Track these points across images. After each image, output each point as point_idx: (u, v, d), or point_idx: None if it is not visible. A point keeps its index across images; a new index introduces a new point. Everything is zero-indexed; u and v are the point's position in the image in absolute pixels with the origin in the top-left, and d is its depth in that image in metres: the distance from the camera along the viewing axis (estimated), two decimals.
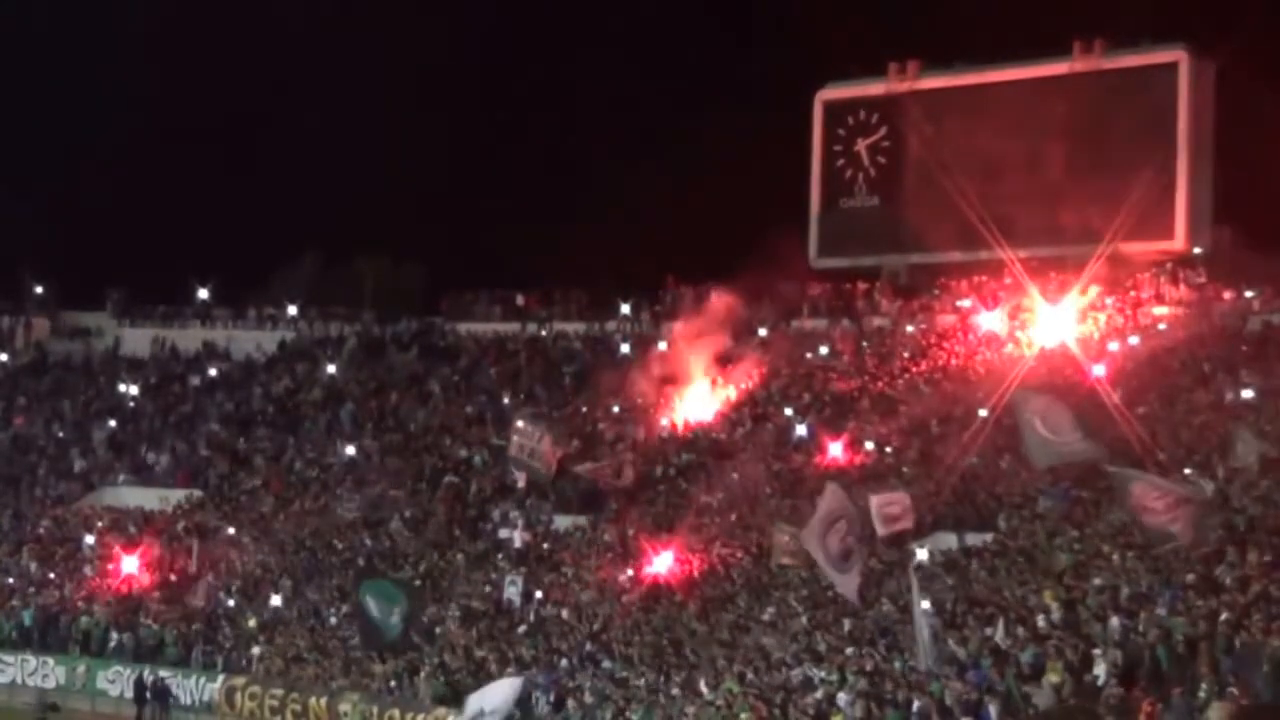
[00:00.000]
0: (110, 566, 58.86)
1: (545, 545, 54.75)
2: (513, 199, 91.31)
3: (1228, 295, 59.34)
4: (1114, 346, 57.18)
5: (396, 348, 76.15)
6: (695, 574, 48.23)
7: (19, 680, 54.51)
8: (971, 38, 69.32)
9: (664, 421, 61.70)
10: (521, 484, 58.91)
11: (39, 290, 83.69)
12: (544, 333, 73.12)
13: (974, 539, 46.05)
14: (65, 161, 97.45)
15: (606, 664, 43.05)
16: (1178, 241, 64.01)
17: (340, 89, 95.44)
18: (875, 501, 45.23)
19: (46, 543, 63.08)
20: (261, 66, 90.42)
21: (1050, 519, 44.75)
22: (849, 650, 38.96)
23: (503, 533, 56.18)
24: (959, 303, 64.97)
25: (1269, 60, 59.88)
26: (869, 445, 53.94)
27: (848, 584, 41.17)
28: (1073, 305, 59.66)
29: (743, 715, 36.43)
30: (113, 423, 73.09)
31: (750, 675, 39.61)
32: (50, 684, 53.67)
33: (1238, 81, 63.82)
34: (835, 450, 53.55)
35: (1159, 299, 60.87)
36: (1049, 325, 59.08)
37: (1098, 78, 66.14)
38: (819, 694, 36.56)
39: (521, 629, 48.38)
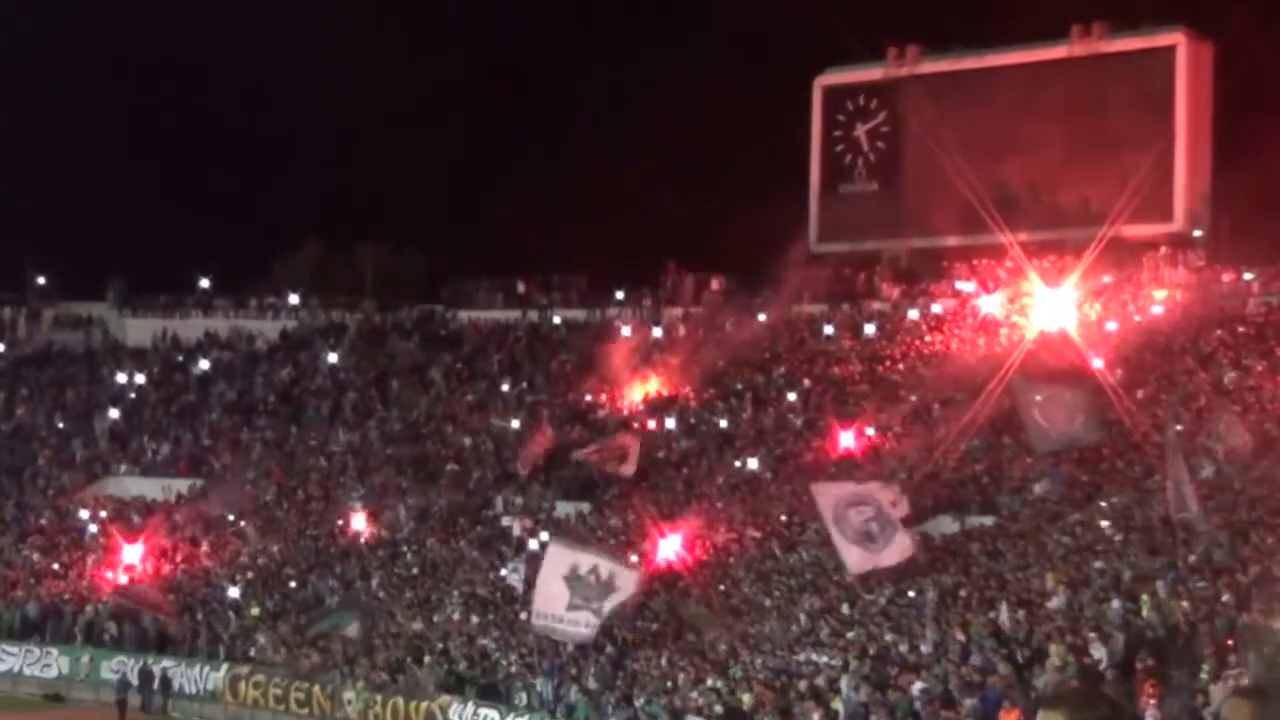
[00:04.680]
0: (112, 557, 58.93)
1: (546, 534, 54.81)
2: (513, 185, 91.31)
3: (1227, 277, 59.39)
4: (1111, 327, 57.27)
5: (398, 335, 76.23)
6: (699, 560, 48.29)
7: (20, 670, 54.51)
8: (970, 22, 69.37)
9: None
10: (524, 472, 59.07)
11: (41, 281, 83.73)
12: (554, 320, 73.16)
13: (975, 522, 46.14)
14: (66, 152, 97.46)
15: (610, 649, 43.12)
16: (1177, 223, 64.08)
17: (340, 78, 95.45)
18: (870, 487, 45.24)
19: (49, 533, 63.15)
20: (262, 57, 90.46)
21: (1050, 501, 44.87)
22: (850, 634, 39.05)
23: (505, 520, 56.28)
24: (959, 285, 65.05)
25: (1268, 41, 59.90)
26: (870, 430, 54.05)
27: (857, 560, 41.38)
28: (1072, 288, 59.72)
29: (745, 698, 36.52)
30: (115, 413, 73.15)
31: (755, 660, 39.67)
32: (53, 674, 53.70)
33: (1237, 63, 63.88)
34: (847, 440, 53.59)
35: (1158, 281, 60.94)
36: (1048, 309, 59.14)
37: (1096, 61, 66.19)
38: (822, 678, 36.65)
39: (524, 616, 48.40)
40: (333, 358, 74.33)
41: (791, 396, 59.74)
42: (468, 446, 63.13)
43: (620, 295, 72.60)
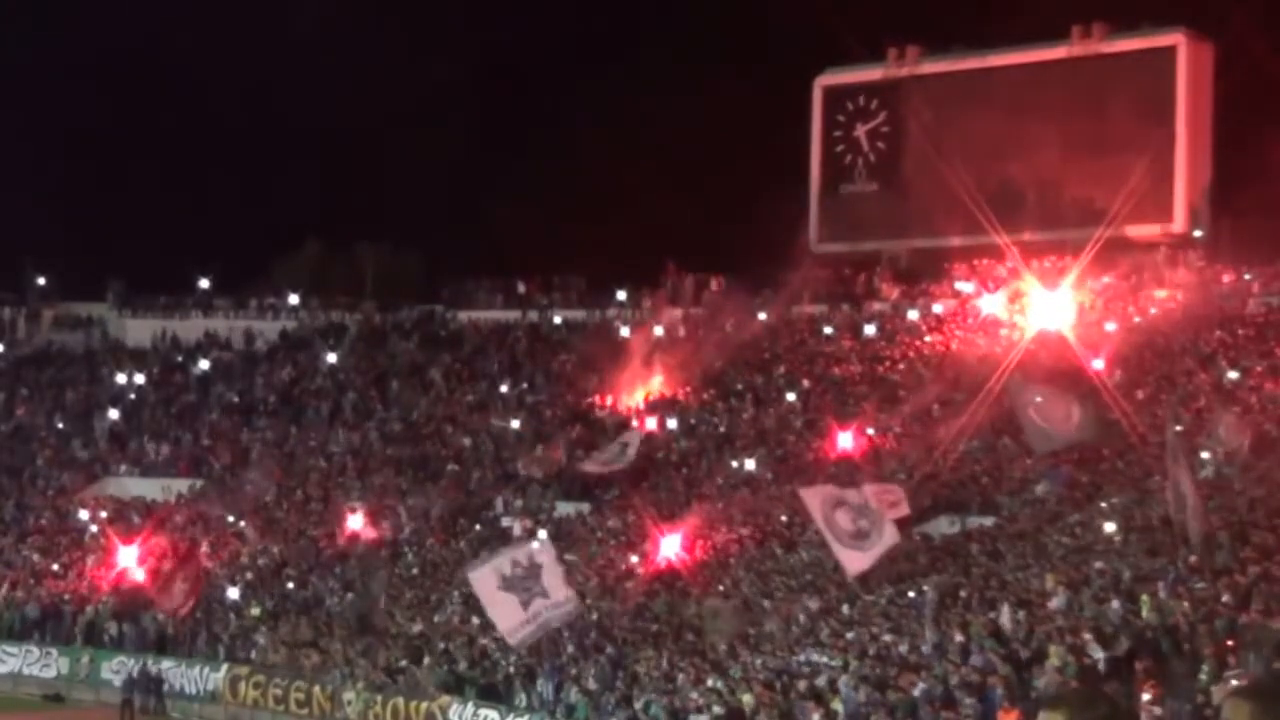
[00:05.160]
0: (112, 558, 58.88)
1: (545, 533, 54.84)
2: (513, 185, 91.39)
3: (1227, 278, 59.39)
4: (1111, 327, 57.27)
5: (398, 336, 76.26)
6: (699, 560, 48.29)
7: (21, 671, 54.47)
8: (970, 22, 69.38)
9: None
10: (524, 472, 59.08)
11: (41, 282, 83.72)
12: (554, 320, 73.15)
13: (975, 522, 46.13)
14: (66, 153, 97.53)
15: (610, 650, 43.11)
16: (1177, 224, 64.10)
17: (340, 78, 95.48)
18: (869, 490, 45.17)
19: (49, 533, 63.14)
20: (262, 57, 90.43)
21: (1050, 502, 44.87)
22: (850, 635, 39.04)
23: (505, 520, 56.29)
24: (959, 285, 65.10)
25: (1268, 42, 59.90)
26: (870, 430, 54.06)
27: (854, 562, 41.39)
28: (1069, 289, 59.73)
29: (746, 698, 36.50)
30: (114, 413, 73.17)
31: (755, 660, 39.66)
32: (52, 674, 53.66)
33: (1237, 63, 63.87)
34: (845, 441, 53.59)
35: (1158, 282, 60.96)
36: (1047, 309, 59.15)
37: (1096, 62, 66.23)
38: (822, 679, 36.63)
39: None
40: (332, 358, 74.35)
41: (791, 397, 59.77)
42: (468, 447, 63.15)
43: (620, 295, 72.64)
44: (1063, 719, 7.45)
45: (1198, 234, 63.74)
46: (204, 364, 76.75)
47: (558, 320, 73.15)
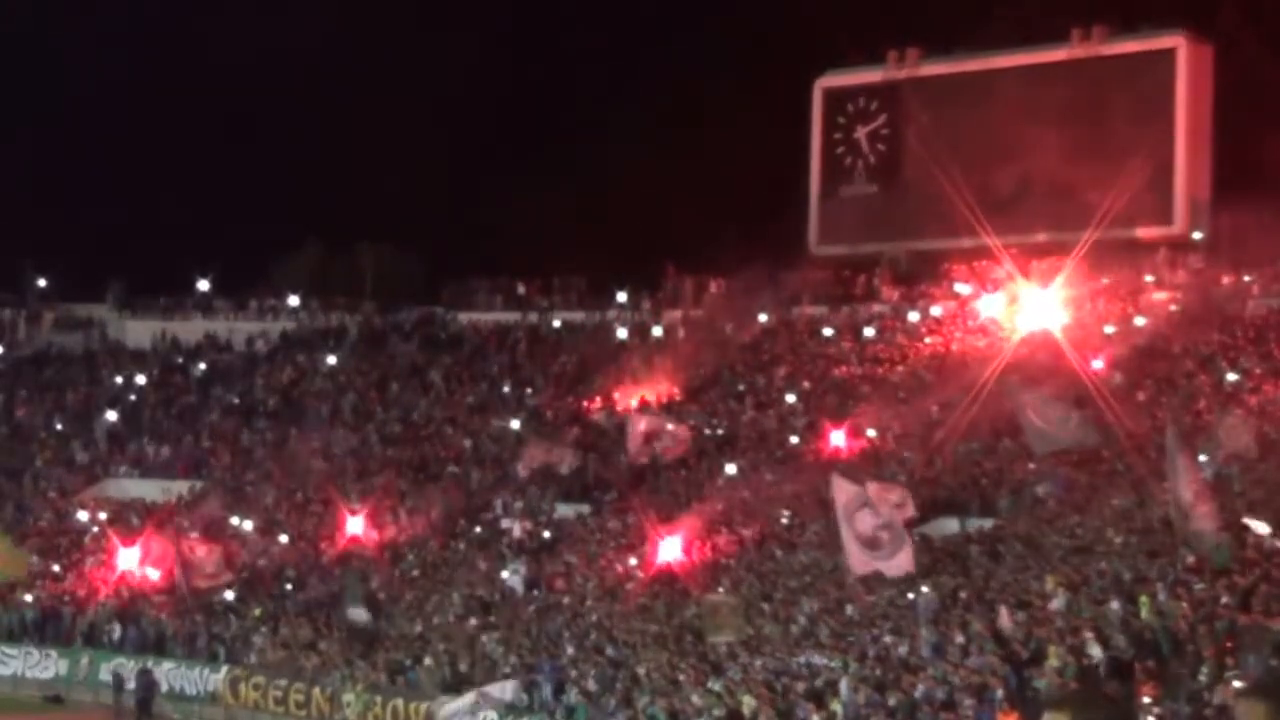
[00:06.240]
0: (112, 559, 58.84)
1: (547, 534, 54.86)
2: (513, 185, 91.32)
3: (1226, 280, 59.37)
4: (1110, 329, 57.26)
5: (398, 337, 76.23)
6: (699, 561, 48.26)
7: (22, 673, 54.44)
8: (970, 24, 69.32)
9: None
10: (524, 473, 59.04)
11: (41, 283, 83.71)
12: (553, 322, 73.13)
13: (975, 524, 46.11)
14: (66, 154, 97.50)
15: (610, 651, 43.10)
16: (1177, 225, 64.08)
17: (340, 79, 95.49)
18: (873, 489, 45.14)
19: (49, 535, 63.10)
20: (262, 58, 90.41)
21: (1050, 503, 44.87)
22: (850, 636, 39.04)
23: (504, 522, 56.25)
24: (958, 287, 65.08)
25: (1268, 43, 59.94)
26: (870, 432, 54.03)
27: (859, 564, 41.32)
28: (1065, 290, 59.66)
29: (746, 700, 36.49)
30: (114, 414, 73.12)
31: (755, 661, 39.65)
32: (51, 675, 53.63)
33: (1237, 64, 63.89)
34: (837, 439, 53.58)
35: (1158, 283, 60.95)
36: (1043, 311, 59.11)
37: (1096, 64, 66.23)
38: (821, 680, 36.63)
39: (524, 617, 48.44)
40: (332, 360, 74.31)
41: (792, 398, 59.74)
42: (467, 448, 63.14)
43: (620, 297, 72.63)
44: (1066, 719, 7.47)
45: (1197, 235, 63.73)
46: (203, 365, 76.71)
47: (557, 322, 73.12)
